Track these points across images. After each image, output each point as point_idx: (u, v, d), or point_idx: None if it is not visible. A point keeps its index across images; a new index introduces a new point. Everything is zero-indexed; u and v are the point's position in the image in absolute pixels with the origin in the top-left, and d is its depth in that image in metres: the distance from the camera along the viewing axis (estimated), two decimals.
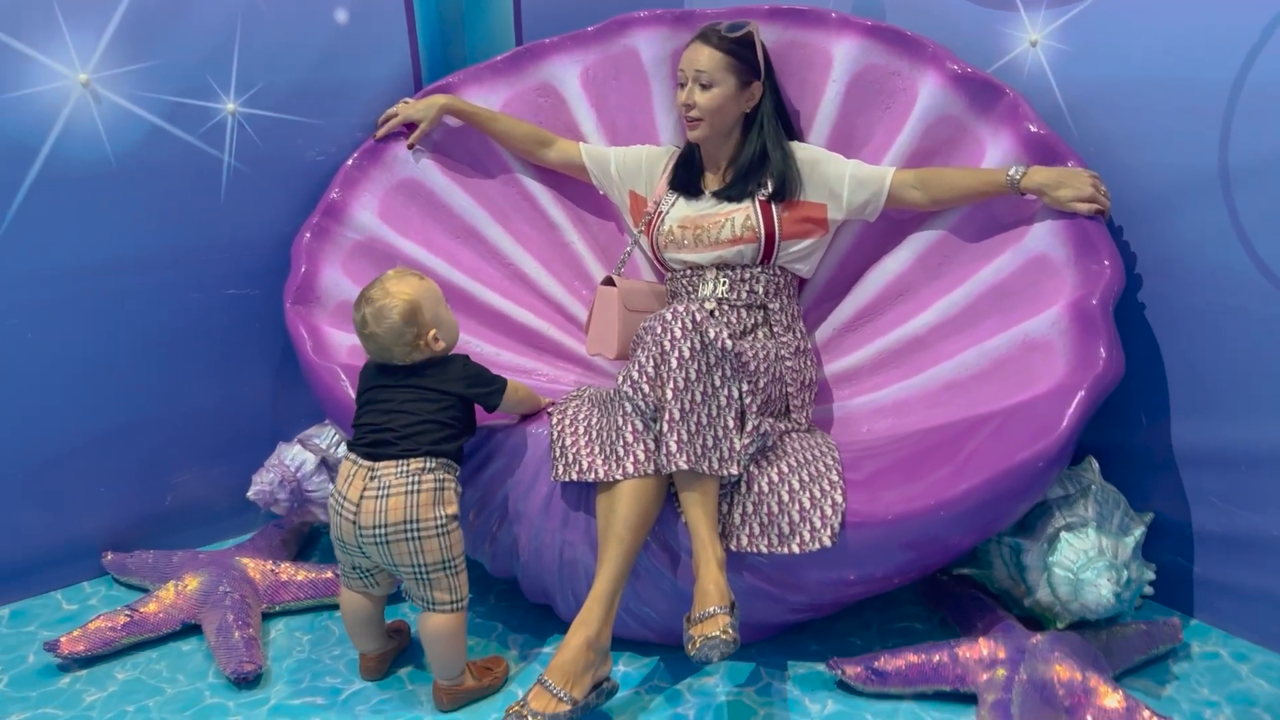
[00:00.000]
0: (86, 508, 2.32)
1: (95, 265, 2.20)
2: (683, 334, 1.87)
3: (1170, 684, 1.95)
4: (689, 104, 2.19)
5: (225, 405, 2.44)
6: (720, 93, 2.17)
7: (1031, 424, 1.87)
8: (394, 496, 1.77)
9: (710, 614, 1.72)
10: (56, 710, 1.92)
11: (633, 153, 2.43)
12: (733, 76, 2.18)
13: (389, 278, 1.87)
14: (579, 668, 1.76)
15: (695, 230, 2.26)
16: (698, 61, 2.17)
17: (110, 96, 2.12)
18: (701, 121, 2.20)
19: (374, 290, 1.85)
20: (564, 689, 1.73)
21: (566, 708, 1.72)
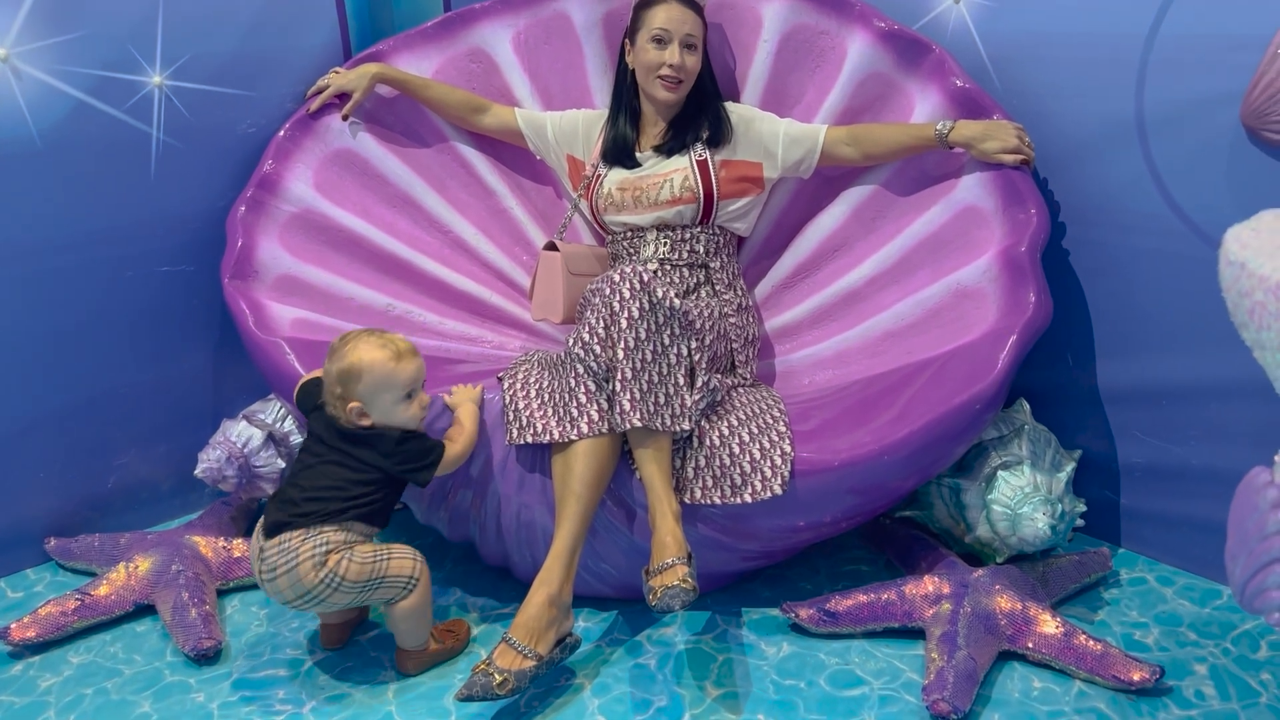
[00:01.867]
0: (26, 494, 2.28)
1: (24, 246, 2.15)
2: (631, 294, 1.90)
3: (1102, 609, 2.06)
4: (677, 66, 2.20)
5: (165, 384, 2.41)
6: (700, 54, 2.24)
7: (967, 368, 1.95)
8: (280, 577, 1.78)
9: (669, 565, 1.77)
10: (11, 697, 1.89)
11: (569, 117, 2.44)
12: (703, 38, 2.25)
13: (375, 336, 1.85)
14: (542, 624, 1.80)
15: (634, 192, 2.29)
16: (686, 24, 2.20)
17: (31, 72, 2.06)
18: (683, 84, 2.23)
19: (353, 335, 1.86)
20: (529, 645, 1.77)
21: (532, 663, 1.76)
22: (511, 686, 1.73)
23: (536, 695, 1.85)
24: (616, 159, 2.32)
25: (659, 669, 1.92)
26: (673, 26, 2.20)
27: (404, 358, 1.84)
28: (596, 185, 2.34)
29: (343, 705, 1.84)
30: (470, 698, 1.72)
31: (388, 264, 2.44)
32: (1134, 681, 1.78)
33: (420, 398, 1.88)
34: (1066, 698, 1.80)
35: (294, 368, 2.10)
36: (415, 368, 1.85)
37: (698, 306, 2.17)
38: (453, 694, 1.82)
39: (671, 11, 2.21)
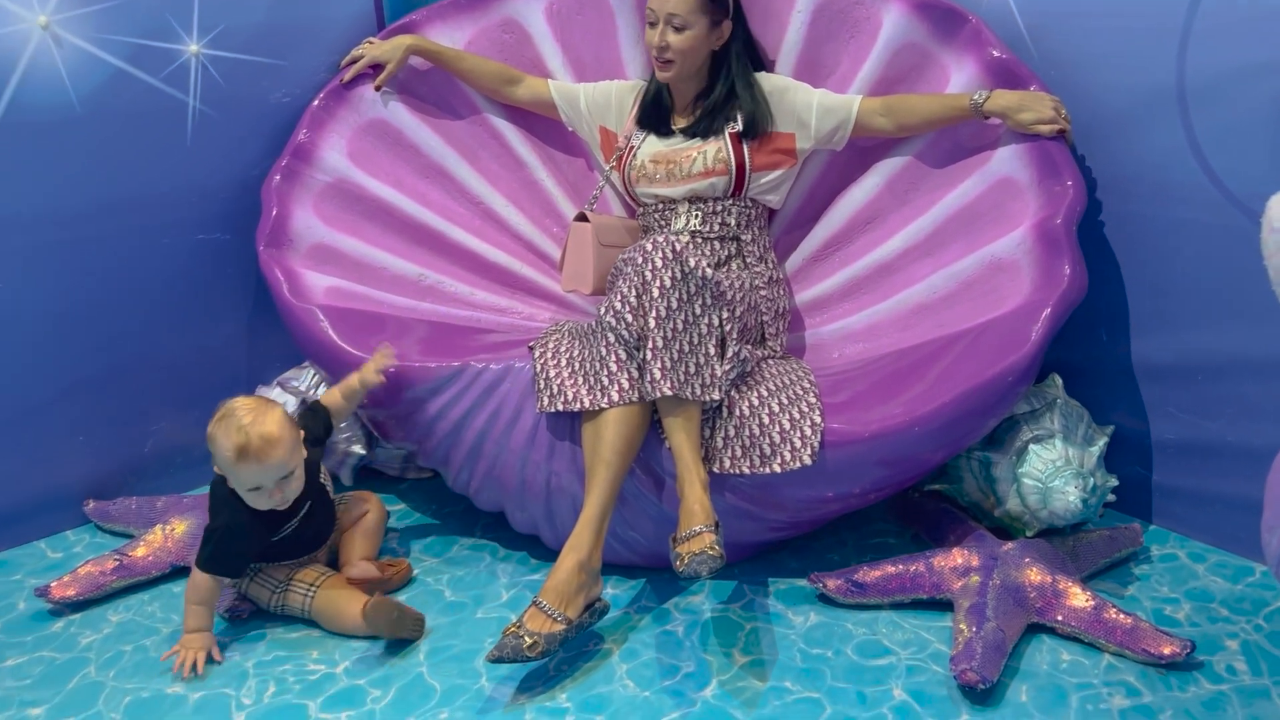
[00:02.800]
0: (66, 457, 2.32)
1: (63, 212, 2.18)
2: (664, 263, 1.90)
3: (1132, 584, 2.05)
4: (662, 45, 2.19)
5: (201, 351, 2.44)
6: (692, 35, 2.17)
7: (1000, 341, 1.94)
8: None
9: (696, 532, 1.78)
10: (54, 653, 1.94)
11: (602, 88, 2.43)
12: (704, 17, 2.18)
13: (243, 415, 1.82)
14: (572, 589, 1.81)
15: (667, 164, 2.28)
16: (669, 3, 2.16)
17: (71, 39, 2.08)
18: (673, 63, 2.21)
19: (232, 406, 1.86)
20: (558, 609, 1.79)
21: (561, 627, 1.78)
22: (541, 649, 1.75)
23: (565, 659, 1.87)
24: (652, 125, 2.32)
25: (686, 636, 1.93)
26: (656, 6, 2.17)
27: (248, 457, 1.78)
28: (629, 156, 2.34)
29: (374, 665, 1.87)
30: (501, 659, 1.74)
31: (420, 234, 2.46)
32: (1164, 655, 1.78)
33: (281, 489, 1.83)
34: (1095, 670, 1.80)
35: (328, 335, 2.12)
36: (259, 470, 1.79)
37: (729, 278, 2.17)
38: (483, 656, 1.84)
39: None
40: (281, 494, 1.84)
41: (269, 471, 1.80)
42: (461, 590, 2.09)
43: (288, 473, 1.83)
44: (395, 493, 2.47)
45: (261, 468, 1.79)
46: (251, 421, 1.79)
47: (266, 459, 1.79)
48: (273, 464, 1.79)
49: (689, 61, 2.21)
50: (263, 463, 1.79)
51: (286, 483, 1.84)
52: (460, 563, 2.19)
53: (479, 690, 1.80)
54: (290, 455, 1.83)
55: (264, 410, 1.83)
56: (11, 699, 1.82)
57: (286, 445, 1.81)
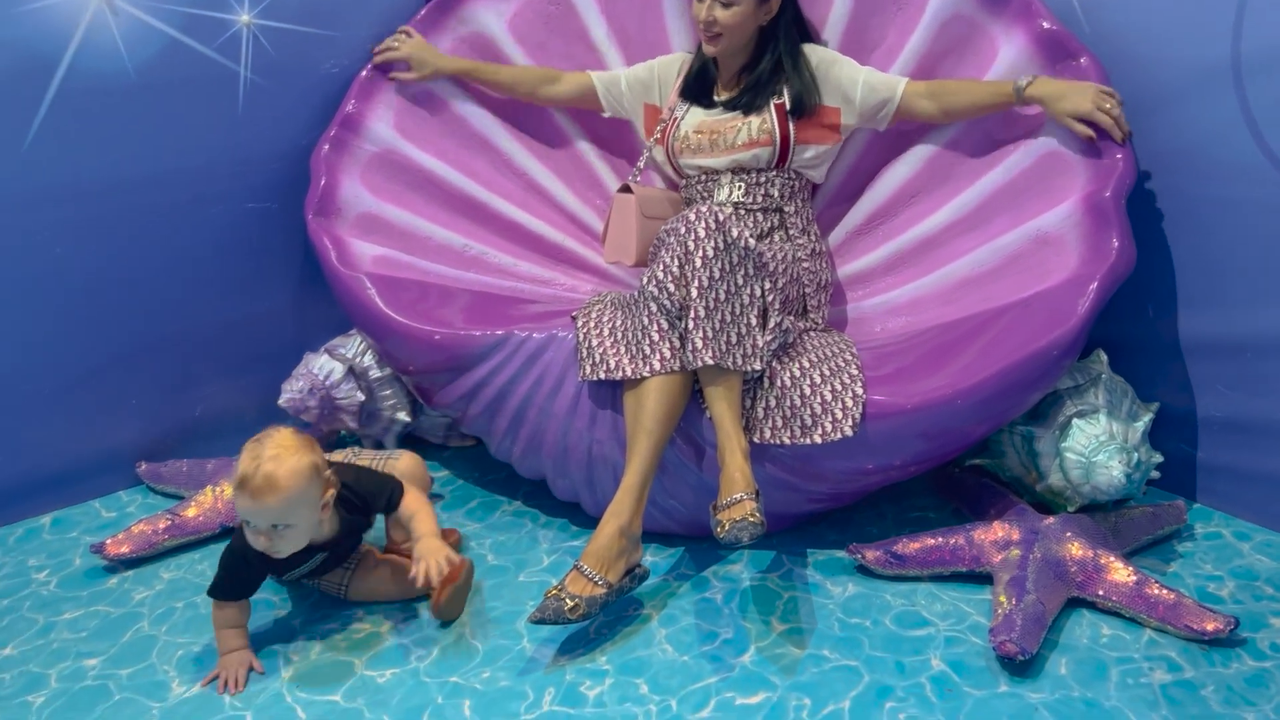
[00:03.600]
0: (120, 419, 2.38)
1: (118, 180, 2.22)
2: (706, 233, 1.91)
3: (1175, 561, 2.04)
4: (709, 20, 2.18)
5: (250, 317, 2.48)
6: (740, 10, 2.16)
7: (1046, 314, 1.93)
8: None
9: (738, 499, 1.79)
10: (109, 607, 1.99)
11: (642, 68, 2.44)
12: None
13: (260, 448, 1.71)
14: (613, 553, 1.83)
15: (711, 135, 2.28)
16: None
17: (127, 9, 2.12)
18: (721, 37, 2.20)
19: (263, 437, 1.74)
20: (599, 573, 1.81)
21: (602, 590, 1.80)
22: (582, 612, 1.77)
23: (606, 624, 1.89)
24: (696, 96, 2.32)
25: (725, 604, 1.95)
26: None
27: (244, 489, 1.66)
28: (673, 128, 2.34)
29: (419, 625, 1.91)
30: (542, 621, 1.77)
31: (465, 205, 2.48)
32: (1207, 631, 1.77)
33: (270, 538, 1.71)
34: (1136, 645, 1.79)
35: (375, 303, 2.15)
36: (250, 507, 1.67)
37: (771, 250, 2.17)
38: (525, 618, 1.87)
39: None
40: (269, 542, 1.71)
41: (260, 513, 1.68)
42: (503, 555, 2.12)
43: (283, 524, 1.69)
44: (439, 460, 2.50)
45: (254, 506, 1.67)
46: (271, 457, 1.67)
47: (260, 500, 1.66)
48: (265, 507, 1.66)
49: (737, 36, 2.20)
50: (256, 501, 1.66)
51: (279, 534, 1.70)
52: (502, 528, 2.22)
53: (520, 651, 1.84)
54: (289, 509, 1.68)
55: (292, 454, 1.69)
56: (69, 650, 1.88)
57: (288, 498, 1.67)
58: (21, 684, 1.80)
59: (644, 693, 1.73)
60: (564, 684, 1.75)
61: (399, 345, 2.15)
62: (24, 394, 2.24)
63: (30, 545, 2.21)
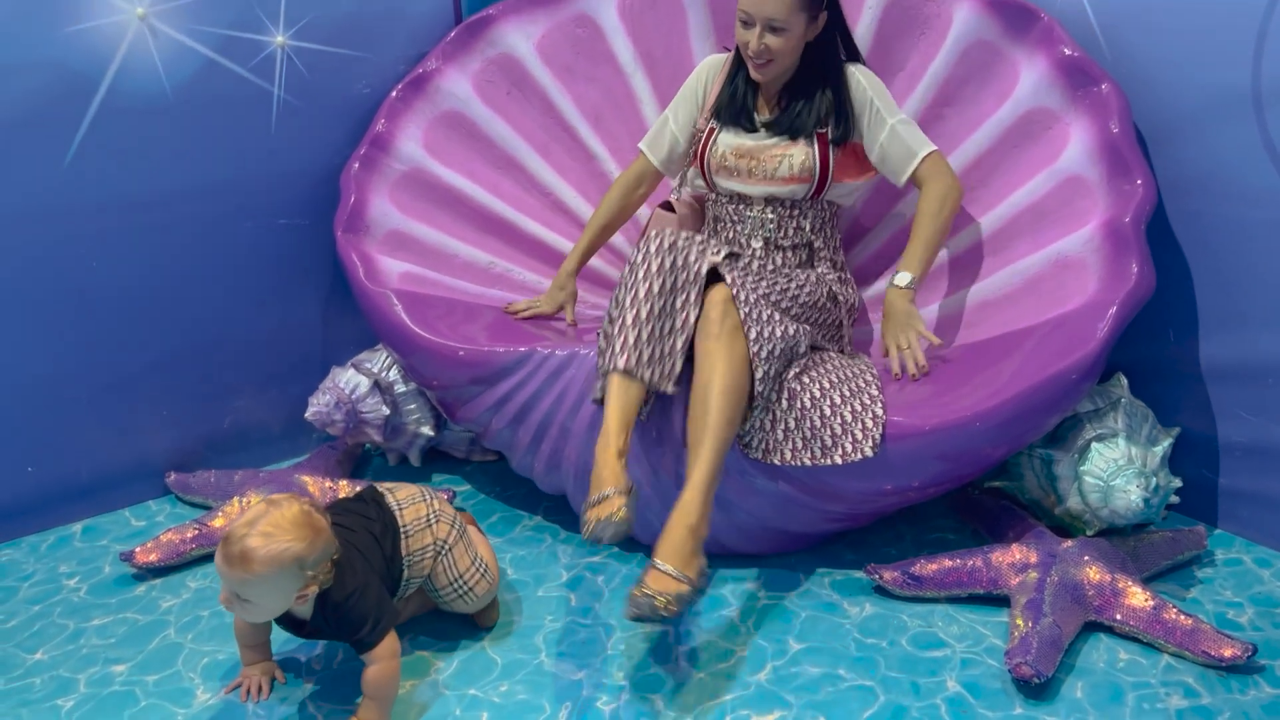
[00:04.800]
0: (150, 429, 2.43)
1: (154, 195, 2.28)
2: (656, 251, 1.93)
3: (1194, 587, 2.03)
4: (760, 50, 2.08)
5: (279, 331, 2.53)
6: (792, 35, 2.07)
7: (1066, 338, 1.94)
8: None
9: (606, 495, 1.76)
10: (136, 615, 2.03)
11: (682, 98, 2.32)
12: (802, 14, 2.07)
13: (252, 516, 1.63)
14: (688, 550, 1.77)
15: (751, 161, 2.20)
16: (766, 8, 2.04)
17: (166, 30, 2.18)
18: (772, 64, 2.11)
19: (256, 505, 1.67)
20: (680, 570, 1.75)
21: (688, 588, 1.74)
22: (674, 609, 1.71)
23: (622, 639, 1.91)
24: (732, 119, 2.21)
25: (742, 621, 1.96)
26: (753, 9, 2.05)
27: (222, 548, 1.60)
28: (709, 142, 2.24)
29: (439, 637, 1.93)
30: (640, 618, 1.71)
31: (491, 223, 2.52)
32: (1225, 658, 1.76)
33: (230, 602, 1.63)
34: (1153, 670, 1.79)
35: (401, 319, 2.19)
36: (225, 569, 1.59)
37: (795, 281, 2.14)
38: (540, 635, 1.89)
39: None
40: (228, 602, 1.64)
41: (226, 577, 1.61)
42: (523, 569, 2.15)
43: (243, 598, 1.62)
44: (461, 474, 2.53)
45: (224, 568, 1.60)
46: (261, 532, 1.59)
47: (230, 566, 1.59)
48: (231, 576, 1.59)
49: (787, 61, 2.12)
50: (227, 565, 1.59)
51: (240, 601, 1.62)
52: (522, 543, 2.25)
53: (539, 665, 1.86)
54: (250, 588, 1.60)
55: (283, 539, 1.59)
56: (97, 656, 1.92)
57: (252, 579, 1.58)
58: (52, 688, 1.84)
59: (659, 709, 1.74)
60: (580, 699, 1.77)
61: (424, 360, 2.19)
62: (58, 402, 2.29)
63: (61, 552, 2.26)
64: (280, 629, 1.76)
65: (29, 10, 2.03)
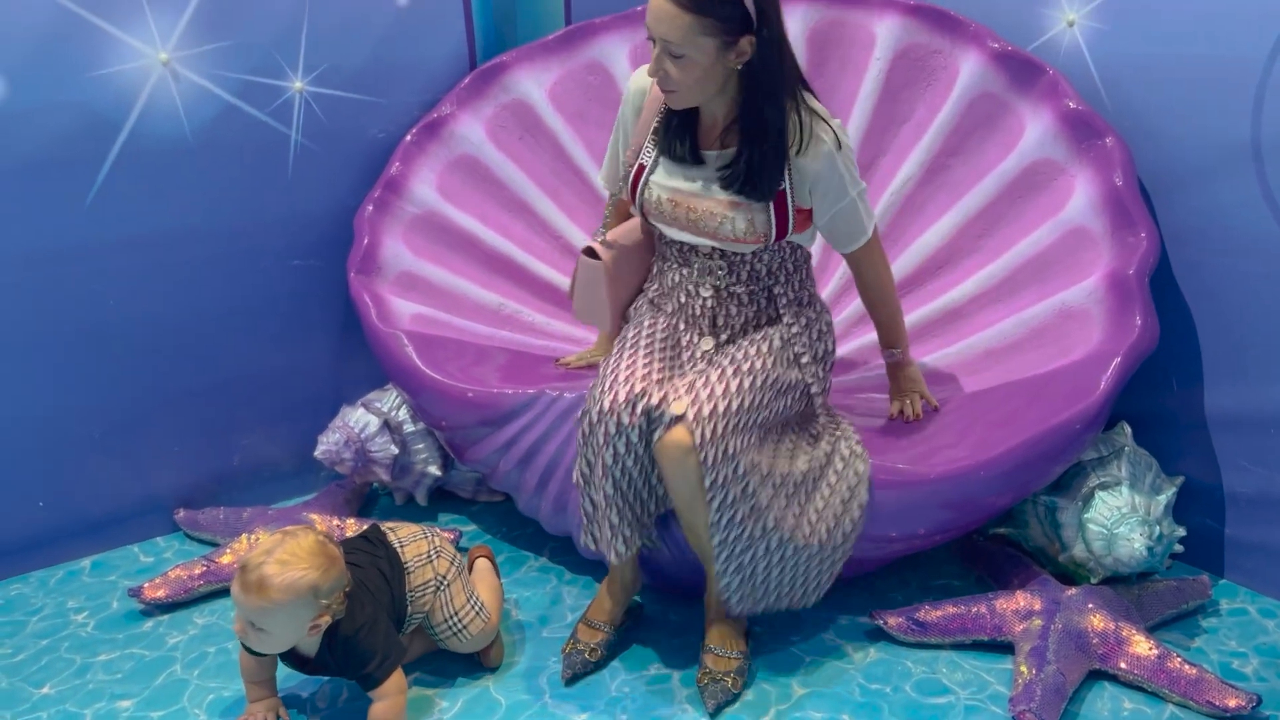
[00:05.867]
0: (160, 466, 2.45)
1: (173, 235, 2.31)
2: (605, 440, 1.82)
3: (1199, 637, 2.03)
4: (658, 74, 1.76)
5: (290, 370, 2.56)
6: (696, 62, 1.71)
7: (1069, 388, 1.96)
8: None
9: (733, 656, 1.92)
10: (143, 650, 2.04)
11: (620, 123, 2.05)
12: (710, 38, 1.70)
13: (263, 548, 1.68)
14: (733, 632, 1.95)
15: (688, 211, 1.89)
16: (662, 23, 1.69)
17: (188, 75, 2.23)
18: (676, 93, 1.78)
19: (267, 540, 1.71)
20: (729, 649, 1.92)
21: (739, 660, 1.91)
22: (742, 682, 1.90)
23: (627, 682, 1.92)
24: (667, 151, 1.89)
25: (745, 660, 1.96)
26: (651, 24, 1.72)
27: (239, 576, 1.65)
28: (642, 180, 1.93)
29: (445, 677, 1.94)
30: (720, 707, 1.86)
31: (502, 265, 2.56)
32: (1229, 708, 1.76)
33: (245, 629, 1.69)
34: None
35: (411, 359, 2.21)
36: (241, 598, 1.65)
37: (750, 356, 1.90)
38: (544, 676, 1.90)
39: (654, 3, 1.70)
40: (243, 631, 1.69)
41: (243, 606, 1.66)
42: (529, 610, 2.16)
43: (259, 626, 1.67)
44: (467, 514, 2.55)
45: (241, 596, 1.65)
46: (278, 560, 1.64)
47: (247, 594, 1.63)
48: (248, 604, 1.64)
49: (697, 90, 1.77)
50: (244, 593, 1.64)
51: (255, 630, 1.67)
52: (528, 584, 2.26)
53: (542, 706, 1.86)
54: (267, 616, 1.65)
55: (299, 568, 1.64)
56: (103, 691, 1.93)
57: (269, 607, 1.63)
58: None
59: None
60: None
61: (433, 401, 2.21)
62: (70, 438, 2.31)
63: (70, 587, 2.27)
64: (285, 666, 1.77)
65: (56, 54, 2.08)
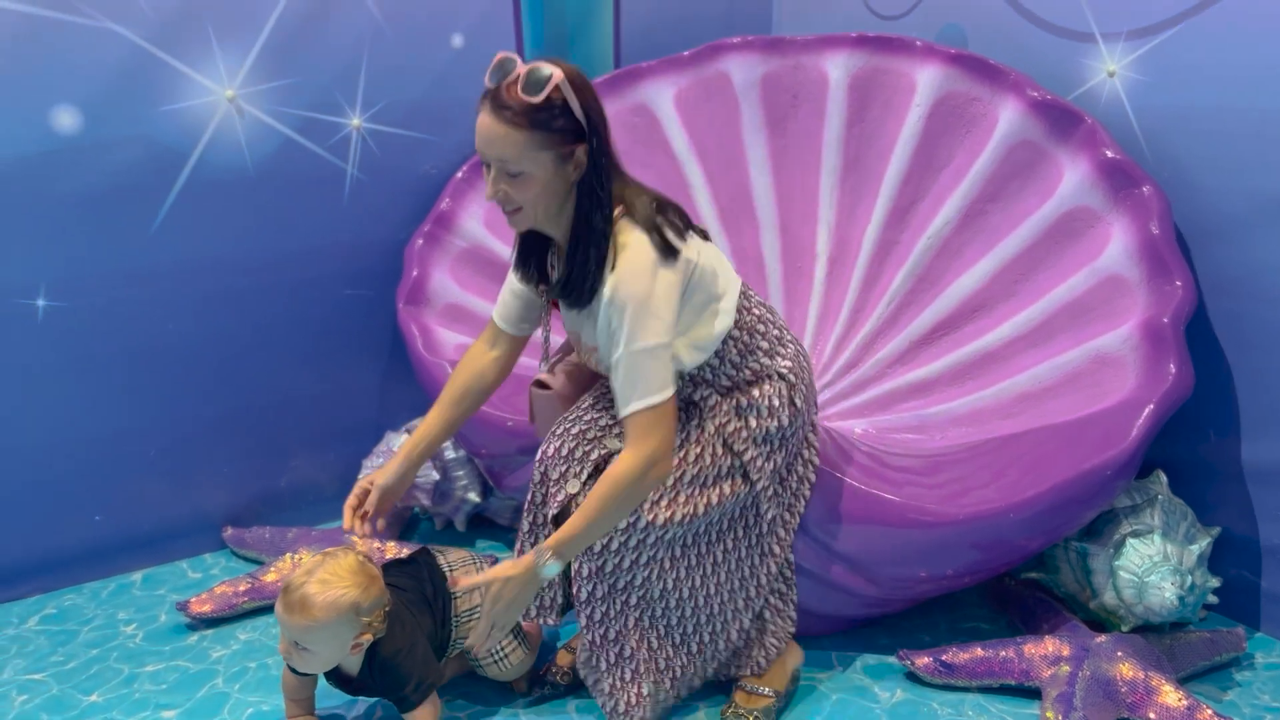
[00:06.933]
0: (209, 486, 2.54)
1: (231, 263, 2.42)
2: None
3: (1232, 690, 2.01)
4: (497, 198, 1.66)
5: (337, 396, 2.64)
6: (534, 177, 1.62)
7: (1101, 434, 1.96)
8: None
9: (765, 693, 1.94)
10: (187, 663, 2.11)
11: None
12: (546, 152, 1.61)
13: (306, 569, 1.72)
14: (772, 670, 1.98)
15: (577, 343, 1.86)
16: (495, 143, 1.60)
17: (252, 111, 2.34)
18: (520, 212, 1.67)
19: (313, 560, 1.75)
20: (762, 686, 1.95)
21: (771, 700, 1.93)
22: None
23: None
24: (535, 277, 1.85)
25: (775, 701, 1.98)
26: (483, 148, 1.62)
27: (282, 597, 1.70)
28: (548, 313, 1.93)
29: (478, 701, 1.98)
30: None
31: None
32: None
33: (290, 649, 1.72)
34: None
35: None
36: (286, 618, 1.68)
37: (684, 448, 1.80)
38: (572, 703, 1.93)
39: (483, 125, 1.61)
40: (288, 652, 1.73)
41: (287, 625, 1.70)
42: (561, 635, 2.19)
43: (303, 646, 1.70)
44: (505, 541, 2.60)
45: (285, 616, 1.69)
46: (320, 580, 1.68)
47: (290, 614, 1.68)
48: (292, 623, 1.68)
49: (540, 207, 1.67)
50: (287, 613, 1.68)
51: (299, 649, 1.71)
52: None
53: None
54: (310, 635, 1.68)
55: (341, 587, 1.68)
56: (149, 701, 2.00)
57: (312, 625, 1.67)
58: None
59: None
60: None
61: (473, 429, 2.27)
62: (127, 456, 2.41)
63: (121, 599, 2.35)
64: (330, 685, 1.83)
65: (131, 89, 2.20)
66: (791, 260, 2.66)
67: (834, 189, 2.63)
